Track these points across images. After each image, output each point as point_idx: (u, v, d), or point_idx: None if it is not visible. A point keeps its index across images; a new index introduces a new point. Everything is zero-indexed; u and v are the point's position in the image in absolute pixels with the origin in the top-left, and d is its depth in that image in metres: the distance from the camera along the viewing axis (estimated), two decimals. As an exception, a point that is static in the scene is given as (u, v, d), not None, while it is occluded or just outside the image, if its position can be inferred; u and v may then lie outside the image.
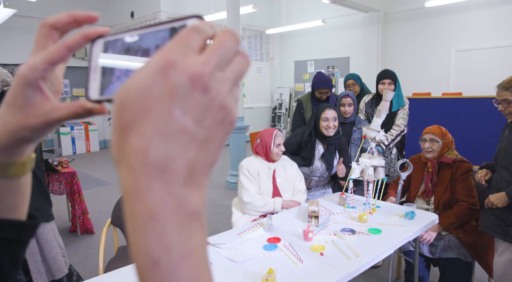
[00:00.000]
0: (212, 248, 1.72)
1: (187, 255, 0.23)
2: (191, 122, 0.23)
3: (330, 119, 2.53)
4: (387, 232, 1.85)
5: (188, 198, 0.23)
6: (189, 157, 0.23)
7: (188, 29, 0.25)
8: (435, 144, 2.35)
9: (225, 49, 0.25)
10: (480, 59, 6.98)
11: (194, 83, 0.23)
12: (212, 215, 4.26)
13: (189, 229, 0.23)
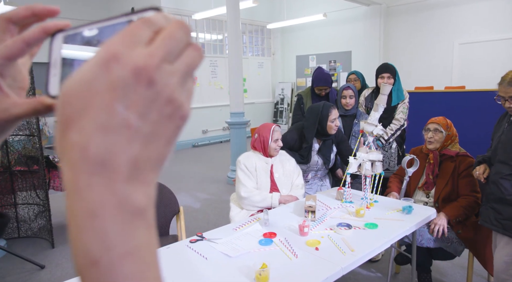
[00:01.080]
0: (208, 243, 1.72)
1: (129, 253, 0.22)
2: (135, 116, 0.22)
3: (337, 119, 2.54)
4: (384, 227, 1.85)
5: (131, 195, 0.22)
6: (132, 153, 0.22)
7: (138, 21, 0.24)
8: (438, 134, 2.32)
9: (173, 41, 0.24)
10: (483, 52, 6.91)
11: (137, 76, 0.22)
12: (213, 210, 4.27)
13: (131, 227, 0.22)
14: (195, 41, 0.26)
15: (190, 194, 4.93)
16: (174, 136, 0.25)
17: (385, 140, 3.00)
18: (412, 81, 7.48)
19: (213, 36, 9.10)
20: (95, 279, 0.22)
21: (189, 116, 0.25)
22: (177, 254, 1.62)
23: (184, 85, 0.24)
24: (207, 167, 6.46)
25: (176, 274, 1.45)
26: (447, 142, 2.36)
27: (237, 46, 5.08)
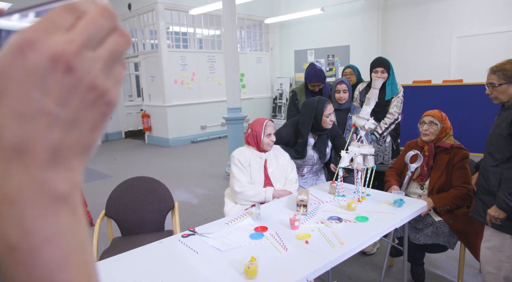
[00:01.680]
0: (200, 237, 1.74)
1: (50, 239, 0.22)
2: (53, 103, 0.22)
3: (332, 114, 2.55)
4: (375, 220, 1.86)
5: (52, 181, 0.22)
6: (52, 139, 0.22)
7: (59, 7, 0.23)
8: (433, 126, 2.35)
9: (95, 27, 0.23)
10: (481, 45, 6.88)
11: (54, 63, 0.22)
12: (211, 205, 4.30)
13: (52, 213, 0.22)
14: (121, 26, 0.26)
15: (188, 189, 4.95)
16: (100, 122, 0.24)
17: (379, 134, 3.01)
18: (410, 75, 7.47)
19: (210, 32, 9.07)
20: (15, 264, 0.22)
21: (117, 102, 0.25)
22: (169, 249, 1.64)
23: (110, 71, 0.24)
24: (206, 163, 6.48)
25: (167, 268, 1.47)
26: (442, 135, 2.37)
27: (233, 41, 5.08)
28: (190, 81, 8.53)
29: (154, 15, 7.92)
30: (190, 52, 8.50)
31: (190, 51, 8.50)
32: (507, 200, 1.79)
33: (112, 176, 5.54)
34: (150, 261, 1.53)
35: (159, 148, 8.06)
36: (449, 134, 2.42)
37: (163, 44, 7.89)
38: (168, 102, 8.11)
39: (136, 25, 8.61)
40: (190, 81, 8.53)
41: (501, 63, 1.89)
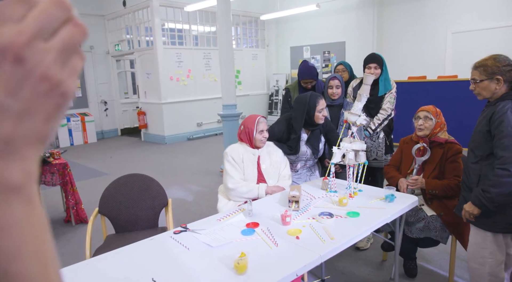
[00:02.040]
0: (191, 233, 1.75)
1: (2, 229, 0.22)
2: (2, 94, 0.22)
3: (324, 109, 2.56)
4: (366, 215, 1.88)
5: (4, 172, 0.22)
6: (3, 130, 0.22)
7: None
8: (429, 121, 2.37)
9: (47, 17, 0.23)
10: (476, 41, 6.90)
11: (3, 53, 0.21)
12: (206, 202, 4.30)
13: (5, 203, 0.23)
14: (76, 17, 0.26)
15: (184, 187, 4.96)
16: (55, 113, 0.24)
17: (373, 130, 3.02)
18: (405, 70, 7.48)
19: (206, 28, 9.04)
20: None
21: (73, 93, 0.25)
22: (160, 246, 1.65)
23: (65, 62, 0.24)
24: (202, 160, 6.49)
25: (158, 265, 1.48)
26: (437, 129, 2.39)
27: (227, 37, 5.07)
28: (186, 78, 8.51)
29: (149, 11, 7.88)
30: (186, 49, 8.47)
31: (185, 48, 8.47)
32: (481, 197, 1.80)
33: (108, 174, 5.53)
34: (141, 258, 1.54)
35: (155, 146, 8.05)
36: (444, 129, 2.44)
37: (158, 41, 7.86)
38: (164, 99, 8.09)
39: (131, 22, 8.57)
40: (186, 78, 8.51)
41: (483, 59, 1.88)
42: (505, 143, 1.72)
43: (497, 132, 1.76)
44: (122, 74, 10.04)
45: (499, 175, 1.74)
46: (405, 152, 2.56)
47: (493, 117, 1.78)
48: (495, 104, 1.82)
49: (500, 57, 1.83)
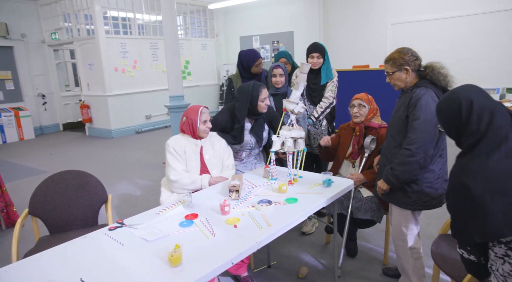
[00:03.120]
0: (128, 229, 1.69)
1: None
2: None
3: (267, 98, 2.56)
4: (304, 200, 1.93)
5: None
6: None
7: None
8: (363, 109, 2.49)
9: None
10: (413, 31, 7.30)
11: None
12: (154, 196, 4.20)
13: None
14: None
15: (131, 181, 4.80)
16: None
17: (316, 118, 3.10)
18: (350, 59, 7.75)
19: (152, 17, 8.72)
20: None
21: None
22: (93, 243, 1.58)
23: None
24: (151, 153, 6.31)
25: (89, 263, 1.41)
26: (370, 115, 2.51)
27: (172, 26, 4.92)
28: (132, 69, 8.18)
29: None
30: (131, 39, 8.13)
31: (130, 38, 8.12)
32: (389, 174, 1.97)
33: (47, 172, 5.20)
34: (71, 258, 1.46)
35: (101, 140, 7.70)
36: (376, 115, 2.57)
37: (100, 30, 7.45)
38: (109, 92, 7.73)
39: (68, 8, 8.03)
40: (132, 69, 8.18)
41: (391, 53, 2.06)
42: (415, 126, 1.88)
43: (411, 115, 1.91)
44: (62, 65, 9.42)
45: (404, 154, 1.91)
46: (343, 137, 2.66)
47: (410, 103, 1.93)
48: (411, 91, 1.97)
49: (405, 50, 2.01)
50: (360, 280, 2.40)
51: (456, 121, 1.28)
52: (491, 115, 1.22)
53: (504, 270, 1.20)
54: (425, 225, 3.08)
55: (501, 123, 1.20)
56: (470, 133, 1.24)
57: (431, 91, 1.92)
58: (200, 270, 1.32)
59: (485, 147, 1.20)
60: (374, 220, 2.40)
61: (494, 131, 1.20)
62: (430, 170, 1.96)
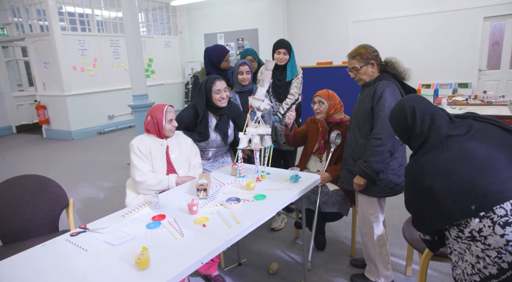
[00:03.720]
0: (91, 234, 1.62)
1: None
2: None
3: (222, 90, 2.52)
4: (272, 197, 1.93)
5: None
6: None
7: None
8: (322, 105, 2.53)
9: None
10: (373, 29, 7.54)
11: None
12: (119, 198, 4.07)
13: None
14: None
15: (93, 184, 4.62)
16: None
17: (282, 115, 3.12)
18: (314, 56, 7.89)
19: (112, 13, 8.42)
20: None
21: None
22: (53, 251, 1.50)
23: None
24: (114, 154, 6.11)
25: (48, 272, 1.34)
26: (331, 111, 2.55)
27: (134, 23, 4.77)
28: (92, 68, 7.87)
29: (41, -8, 7.05)
30: (90, 36, 7.80)
31: (89, 35, 7.80)
32: (363, 167, 2.03)
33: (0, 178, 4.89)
34: (28, 268, 1.38)
35: (60, 142, 7.35)
36: (339, 110, 2.62)
37: (55, 26, 7.09)
38: (68, 91, 7.39)
39: (18, 2, 7.56)
40: (92, 67, 7.86)
41: (356, 49, 2.13)
42: (381, 116, 1.96)
43: (376, 107, 1.99)
44: (13, 63, 8.88)
45: (375, 145, 1.98)
46: (311, 130, 2.70)
47: (375, 95, 2.01)
48: (374, 84, 2.06)
49: (368, 45, 2.12)
50: (329, 272, 2.45)
51: (404, 126, 1.47)
52: (431, 118, 1.40)
53: (461, 248, 1.34)
54: (389, 215, 3.20)
55: (440, 124, 1.38)
56: (416, 136, 1.43)
57: (392, 83, 2.03)
58: (169, 271, 1.29)
59: (430, 145, 1.36)
60: (341, 213, 2.46)
61: (436, 131, 1.37)
62: (394, 158, 2.06)
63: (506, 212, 1.19)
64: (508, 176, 1.22)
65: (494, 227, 1.20)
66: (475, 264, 1.27)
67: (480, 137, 1.31)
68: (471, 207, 1.22)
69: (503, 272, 1.20)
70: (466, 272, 1.31)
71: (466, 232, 1.27)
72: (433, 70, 6.97)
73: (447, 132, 1.35)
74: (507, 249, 1.18)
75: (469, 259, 1.29)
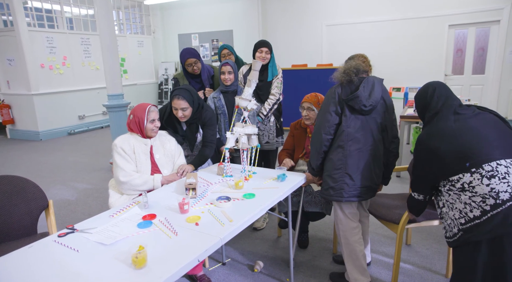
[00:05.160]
0: (80, 234, 1.59)
1: None
2: None
3: (179, 109, 2.45)
4: (261, 195, 1.96)
5: None
6: None
7: None
8: (311, 112, 2.52)
9: None
10: (346, 33, 7.77)
11: None
12: (94, 200, 3.96)
13: None
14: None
15: (66, 186, 4.46)
16: None
17: (264, 115, 3.15)
18: (289, 59, 8.02)
19: (82, 11, 8.15)
20: None
21: None
22: (42, 252, 1.45)
23: None
24: (86, 155, 5.92)
25: (40, 274, 1.30)
26: None
27: (108, 21, 4.66)
28: (62, 66, 7.58)
29: (6, -14, 6.72)
30: (59, 33, 7.52)
31: (58, 32, 7.51)
32: (308, 164, 2.24)
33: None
34: (17, 270, 1.33)
35: (26, 143, 7.02)
36: None
37: (21, 22, 6.78)
38: (35, 90, 7.08)
39: (-19, -3, 7.18)
40: (62, 66, 7.58)
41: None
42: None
43: None
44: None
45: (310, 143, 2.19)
46: (297, 137, 2.73)
47: None
48: None
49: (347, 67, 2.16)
50: (313, 269, 2.51)
51: (424, 101, 1.81)
52: (445, 98, 1.74)
53: (452, 199, 1.64)
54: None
55: (452, 103, 1.73)
56: (431, 109, 1.76)
57: (339, 85, 2.10)
58: (167, 270, 1.29)
59: (440, 117, 1.70)
60: (323, 212, 2.52)
61: (447, 107, 1.72)
62: (329, 159, 2.09)
63: (492, 168, 1.51)
64: (497, 146, 1.56)
65: (482, 179, 1.52)
66: (462, 209, 1.58)
67: (480, 118, 1.66)
68: (466, 164, 1.55)
69: (485, 213, 1.50)
70: (454, 217, 1.62)
71: (458, 185, 1.58)
72: (402, 74, 7.27)
73: (456, 110, 1.69)
74: (490, 195, 1.49)
75: (458, 206, 1.60)
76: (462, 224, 1.58)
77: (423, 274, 2.42)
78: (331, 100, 2.07)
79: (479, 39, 6.89)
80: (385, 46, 7.42)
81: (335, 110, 2.04)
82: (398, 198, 2.50)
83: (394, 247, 2.72)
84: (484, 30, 6.81)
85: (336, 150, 2.05)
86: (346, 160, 2.03)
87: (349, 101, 2.00)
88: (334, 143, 2.07)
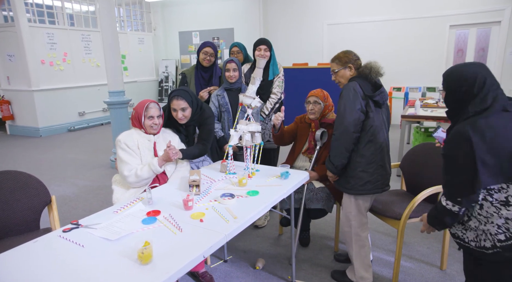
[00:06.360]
0: (85, 230, 1.59)
1: None
2: None
3: (178, 110, 2.43)
4: (264, 193, 1.97)
5: None
6: None
7: None
8: (317, 106, 2.56)
9: None
10: (347, 32, 7.77)
11: None
12: (95, 197, 3.96)
13: None
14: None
15: (66, 182, 4.46)
16: None
17: (266, 115, 3.15)
18: (289, 57, 8.01)
19: (83, 7, 8.13)
20: None
21: None
22: (47, 247, 1.46)
23: None
24: (87, 152, 5.91)
25: (45, 269, 1.30)
26: (325, 112, 2.61)
27: (111, 18, 4.65)
28: (62, 62, 7.57)
29: (7, -18, 6.70)
30: (59, 29, 7.49)
31: (58, 28, 7.49)
32: (328, 162, 2.22)
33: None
34: (22, 265, 1.33)
35: (26, 139, 7.01)
36: (332, 111, 2.68)
37: (21, 17, 6.76)
38: (36, 86, 7.07)
39: (-17, -8, 7.15)
40: (62, 62, 7.57)
41: (337, 54, 2.26)
42: (338, 113, 2.11)
43: (338, 105, 2.12)
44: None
45: (332, 140, 2.15)
46: (300, 130, 2.74)
47: (340, 95, 2.13)
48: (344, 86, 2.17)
49: (348, 51, 2.25)
50: (314, 267, 2.52)
51: (466, 91, 1.45)
52: (496, 91, 1.44)
53: (487, 213, 1.40)
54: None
55: (504, 97, 1.44)
56: (478, 101, 1.42)
57: (354, 82, 2.09)
58: (173, 265, 1.29)
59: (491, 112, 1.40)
60: (325, 209, 2.52)
61: (499, 102, 1.41)
62: (361, 155, 2.12)
63: None
64: None
65: None
66: (502, 224, 1.36)
67: None
68: None
69: None
70: (490, 232, 1.39)
71: (500, 197, 1.36)
72: (403, 74, 7.29)
73: (505, 107, 1.41)
74: None
75: (497, 221, 1.37)
76: (502, 241, 1.37)
77: (423, 272, 2.43)
78: (355, 99, 2.04)
79: (480, 40, 6.91)
80: (386, 46, 7.43)
81: (360, 108, 2.06)
82: (395, 194, 2.54)
83: (393, 246, 2.73)
84: (485, 30, 6.83)
85: (367, 145, 2.11)
86: (378, 153, 2.12)
87: (375, 96, 2.08)
88: (363, 139, 2.11)
